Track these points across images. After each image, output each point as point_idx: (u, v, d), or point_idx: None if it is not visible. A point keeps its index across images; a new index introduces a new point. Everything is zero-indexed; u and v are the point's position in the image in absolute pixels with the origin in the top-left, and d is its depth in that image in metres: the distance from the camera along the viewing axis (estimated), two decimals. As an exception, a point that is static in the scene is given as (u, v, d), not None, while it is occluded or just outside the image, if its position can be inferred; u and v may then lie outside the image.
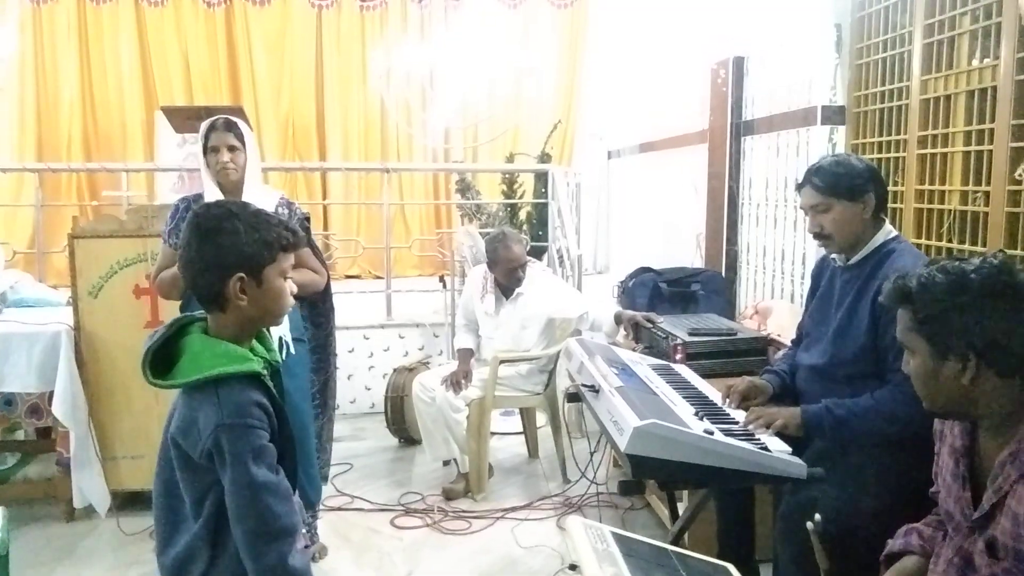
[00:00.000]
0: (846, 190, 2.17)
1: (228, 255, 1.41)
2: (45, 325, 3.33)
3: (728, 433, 1.94)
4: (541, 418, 4.31)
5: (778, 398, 2.35)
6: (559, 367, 3.95)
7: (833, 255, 2.30)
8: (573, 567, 1.44)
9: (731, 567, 1.63)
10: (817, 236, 2.26)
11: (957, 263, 1.43)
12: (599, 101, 7.98)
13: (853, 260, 2.21)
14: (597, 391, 2.19)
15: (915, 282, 1.43)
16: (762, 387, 2.36)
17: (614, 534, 1.55)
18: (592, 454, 3.46)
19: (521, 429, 4.30)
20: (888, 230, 2.20)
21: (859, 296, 2.15)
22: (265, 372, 1.44)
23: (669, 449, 1.79)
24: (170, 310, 3.28)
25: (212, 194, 2.74)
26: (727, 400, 2.32)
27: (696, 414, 2.06)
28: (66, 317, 3.40)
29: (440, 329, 5.08)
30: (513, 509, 3.52)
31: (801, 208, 2.36)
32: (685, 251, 5.00)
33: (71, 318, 3.37)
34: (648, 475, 1.91)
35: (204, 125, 2.76)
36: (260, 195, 2.72)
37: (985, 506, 1.38)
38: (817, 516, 1.70)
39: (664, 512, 3.14)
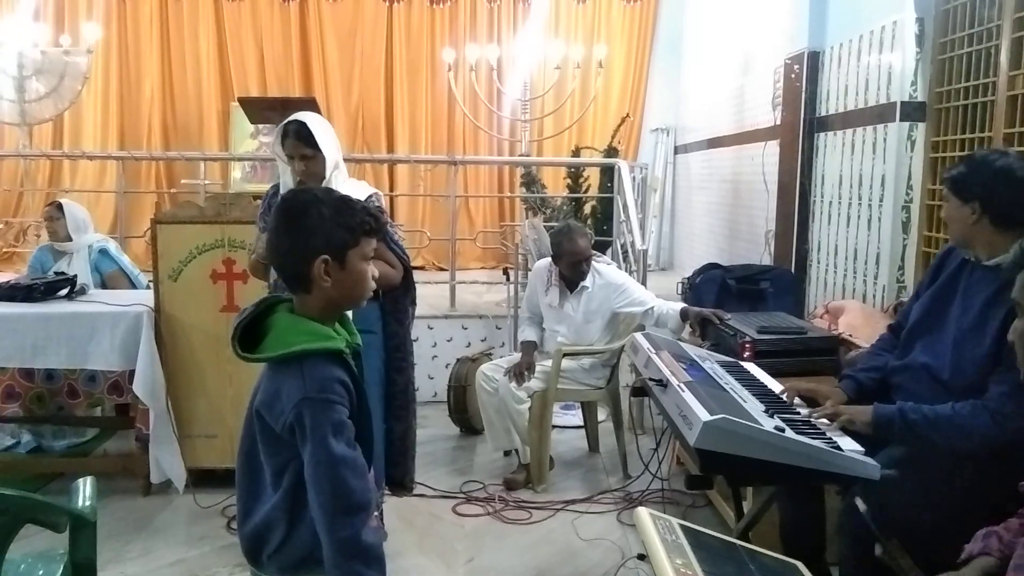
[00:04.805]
0: (959, 188, 2.02)
1: (313, 238, 1.46)
2: (128, 306, 3.46)
3: (799, 431, 1.91)
4: (602, 413, 4.31)
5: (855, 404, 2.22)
6: (622, 362, 3.94)
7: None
8: (642, 557, 1.44)
9: (800, 565, 1.62)
10: None
11: None
12: (666, 95, 7.92)
13: (993, 261, 2.01)
14: (665, 385, 2.18)
15: None
16: (828, 395, 2.21)
17: (682, 526, 1.55)
18: (655, 450, 3.45)
19: (582, 423, 4.31)
20: None
21: (995, 299, 1.94)
22: (348, 351, 1.48)
23: (739, 445, 1.77)
24: (246, 295, 3.39)
25: (287, 185, 2.81)
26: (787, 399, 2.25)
27: (766, 411, 2.04)
28: (148, 299, 3.53)
29: (502, 321, 5.11)
30: (574, 501, 3.53)
31: None
32: (753, 248, 4.93)
33: (152, 300, 3.50)
34: (717, 471, 1.90)
35: (280, 126, 2.73)
36: (350, 189, 2.69)
37: None
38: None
39: (727, 510, 3.12)
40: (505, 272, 5.21)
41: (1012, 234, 1.95)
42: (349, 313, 1.63)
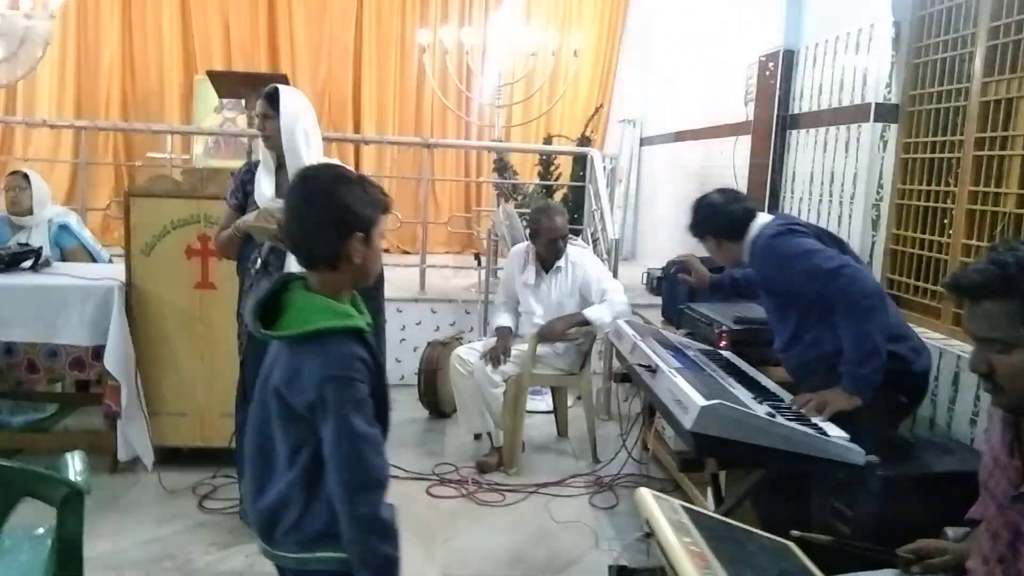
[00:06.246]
0: (696, 231, 2.63)
1: (348, 215, 1.46)
2: (99, 280, 3.38)
3: (788, 417, 1.98)
4: (569, 398, 4.36)
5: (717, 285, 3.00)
6: (592, 348, 3.99)
7: None
8: (648, 535, 1.48)
9: (792, 545, 1.68)
10: None
11: None
12: (635, 87, 7.98)
13: (745, 260, 2.61)
14: (654, 371, 2.23)
15: (1015, 269, 1.28)
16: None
17: (684, 507, 1.60)
18: (624, 435, 3.52)
19: (550, 408, 4.36)
20: (750, 231, 2.53)
21: (759, 281, 2.62)
22: (368, 329, 1.49)
23: (734, 429, 1.83)
24: (221, 272, 3.35)
25: (265, 162, 2.79)
26: None
27: (755, 397, 2.10)
28: (118, 273, 3.46)
29: (472, 306, 5.13)
30: (546, 484, 3.58)
31: None
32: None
33: (123, 274, 3.42)
34: (710, 454, 1.95)
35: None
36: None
37: None
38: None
39: (697, 494, 3.19)
40: (477, 257, 5.23)
41: (743, 239, 2.54)
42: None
